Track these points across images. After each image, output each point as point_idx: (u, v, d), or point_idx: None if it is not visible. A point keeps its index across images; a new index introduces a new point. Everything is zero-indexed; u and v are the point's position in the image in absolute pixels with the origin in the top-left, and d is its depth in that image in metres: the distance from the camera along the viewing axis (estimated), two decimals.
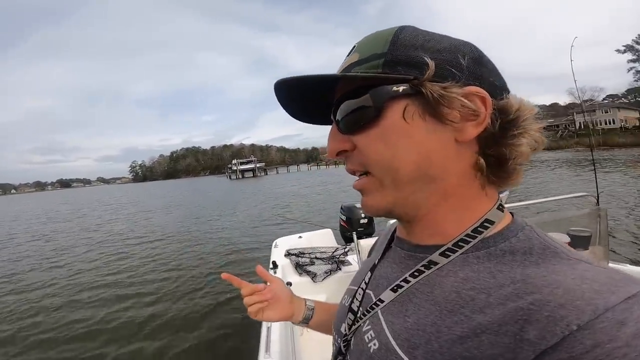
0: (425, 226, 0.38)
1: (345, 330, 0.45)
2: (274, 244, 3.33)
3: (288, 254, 2.86)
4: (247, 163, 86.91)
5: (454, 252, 0.36)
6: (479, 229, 0.35)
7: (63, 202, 40.50)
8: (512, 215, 0.38)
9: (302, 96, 0.40)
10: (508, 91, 0.36)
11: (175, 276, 5.72)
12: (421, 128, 0.34)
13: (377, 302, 0.41)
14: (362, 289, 0.46)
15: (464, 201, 0.36)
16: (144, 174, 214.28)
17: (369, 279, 0.46)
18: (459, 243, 0.35)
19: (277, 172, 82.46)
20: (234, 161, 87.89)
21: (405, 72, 0.33)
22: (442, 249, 0.36)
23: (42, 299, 5.21)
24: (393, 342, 0.35)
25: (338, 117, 0.38)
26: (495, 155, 0.34)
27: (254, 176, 76.49)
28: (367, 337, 0.40)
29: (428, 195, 0.36)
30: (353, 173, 0.40)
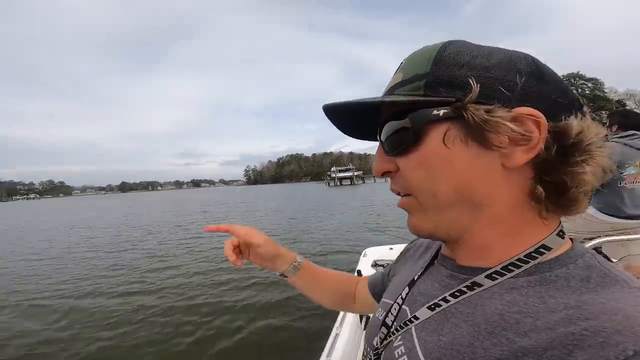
0: (470, 248, 0.37)
1: (377, 344, 0.45)
2: (363, 252, 3.24)
3: (375, 265, 2.73)
4: (345, 171, 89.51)
5: (501, 275, 0.34)
6: (533, 254, 0.33)
7: (195, 199, 48.90)
8: (572, 242, 0.35)
9: (354, 116, 0.40)
10: (580, 108, 0.32)
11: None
12: (463, 153, 0.32)
13: (412, 319, 0.40)
14: (398, 303, 0.46)
15: (515, 227, 0.34)
16: (255, 177, 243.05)
17: (407, 294, 0.45)
18: (509, 267, 0.34)
19: (375, 181, 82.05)
20: (333, 169, 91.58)
21: (447, 93, 0.31)
22: (489, 271, 0.35)
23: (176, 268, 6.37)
24: None
25: (382, 138, 0.38)
26: (554, 182, 0.31)
27: (351, 184, 78.05)
28: (398, 353, 0.39)
29: (473, 220, 0.35)
30: (398, 194, 0.39)
